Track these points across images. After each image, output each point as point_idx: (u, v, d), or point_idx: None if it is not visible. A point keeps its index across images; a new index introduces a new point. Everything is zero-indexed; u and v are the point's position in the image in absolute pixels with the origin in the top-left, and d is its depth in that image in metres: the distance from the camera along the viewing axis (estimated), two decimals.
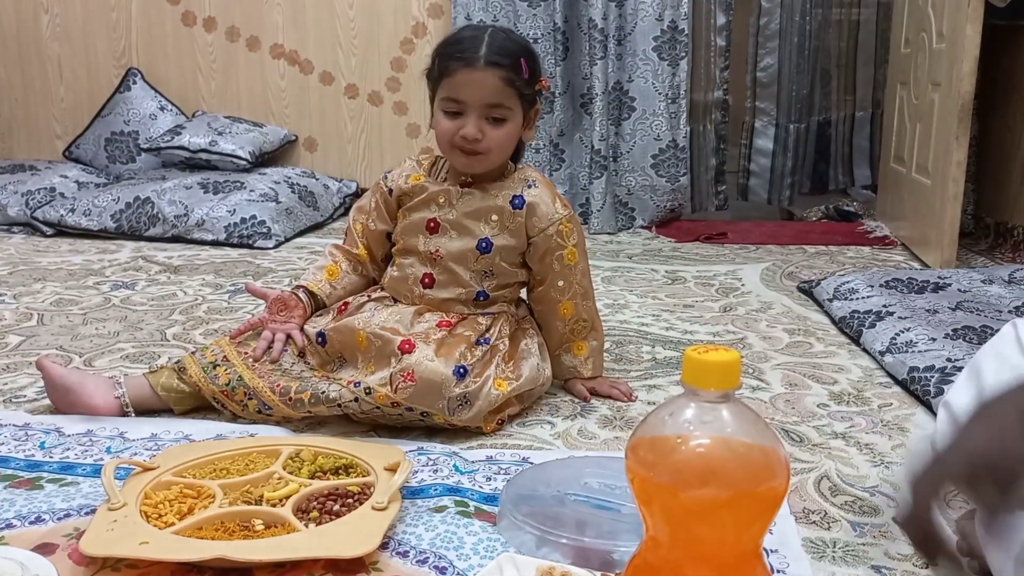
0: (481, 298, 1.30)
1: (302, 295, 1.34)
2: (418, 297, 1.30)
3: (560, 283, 1.31)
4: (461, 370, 1.17)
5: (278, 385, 1.21)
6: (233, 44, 3.07)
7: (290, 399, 1.20)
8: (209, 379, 1.24)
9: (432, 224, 1.30)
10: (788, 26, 2.99)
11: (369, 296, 1.34)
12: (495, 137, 1.24)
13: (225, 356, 1.27)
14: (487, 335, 1.27)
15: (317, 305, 1.35)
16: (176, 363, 1.28)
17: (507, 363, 1.26)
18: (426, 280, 1.30)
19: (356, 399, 1.17)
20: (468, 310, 1.30)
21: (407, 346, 1.18)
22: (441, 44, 1.27)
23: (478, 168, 1.28)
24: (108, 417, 1.23)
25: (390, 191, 1.34)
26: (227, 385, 1.23)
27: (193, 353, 1.30)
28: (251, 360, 1.26)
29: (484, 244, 1.28)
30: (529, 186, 1.30)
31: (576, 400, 1.34)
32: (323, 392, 1.19)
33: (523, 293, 1.39)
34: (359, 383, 1.18)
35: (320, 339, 1.28)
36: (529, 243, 1.29)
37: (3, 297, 1.92)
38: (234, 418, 1.24)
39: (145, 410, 1.25)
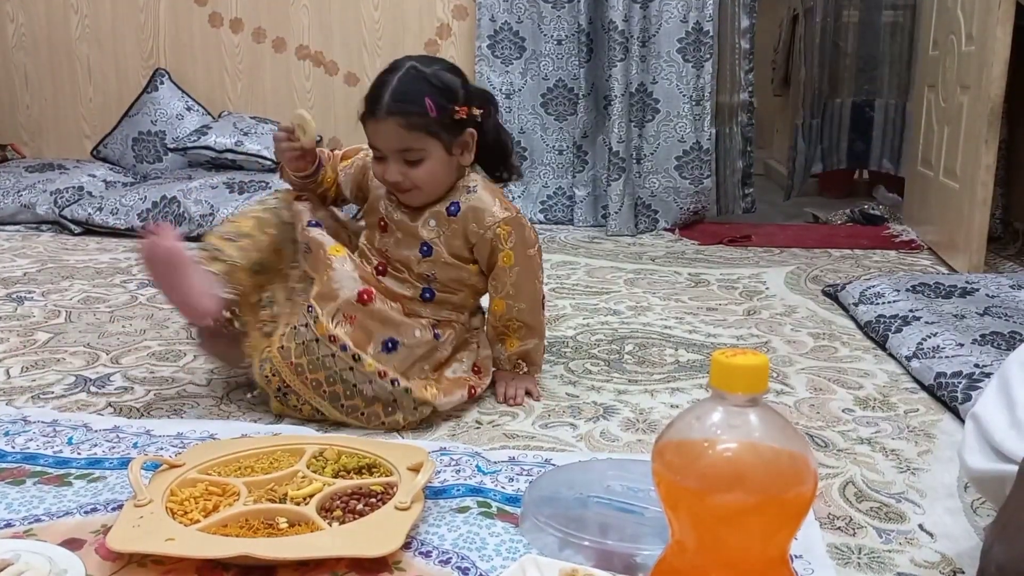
0: (427, 295, 1.33)
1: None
2: (374, 283, 1.32)
3: (494, 282, 1.34)
4: (390, 344, 1.24)
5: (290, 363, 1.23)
6: (259, 45, 3.09)
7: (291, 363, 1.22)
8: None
9: (383, 224, 1.36)
10: (811, 28, 2.98)
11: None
12: (418, 176, 1.28)
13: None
14: (437, 331, 1.31)
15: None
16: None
17: (435, 373, 1.29)
18: (380, 267, 1.35)
19: (306, 324, 1.21)
20: (416, 308, 1.32)
21: (366, 296, 1.23)
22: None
23: (418, 201, 1.32)
24: (134, 420, 1.24)
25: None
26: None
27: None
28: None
29: (425, 248, 1.32)
30: (469, 191, 1.32)
31: (599, 403, 1.34)
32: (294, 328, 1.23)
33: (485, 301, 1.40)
34: (311, 307, 1.22)
35: (305, 248, 1.33)
36: (472, 247, 1.32)
37: (32, 294, 1.94)
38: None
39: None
